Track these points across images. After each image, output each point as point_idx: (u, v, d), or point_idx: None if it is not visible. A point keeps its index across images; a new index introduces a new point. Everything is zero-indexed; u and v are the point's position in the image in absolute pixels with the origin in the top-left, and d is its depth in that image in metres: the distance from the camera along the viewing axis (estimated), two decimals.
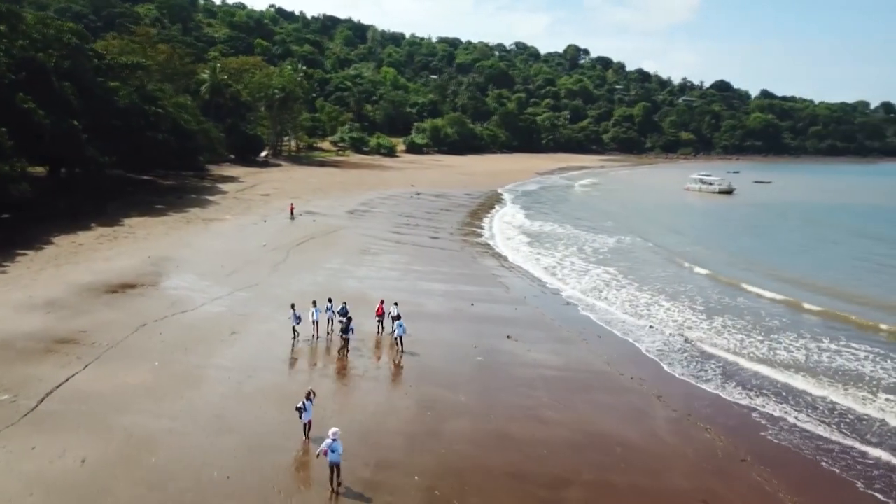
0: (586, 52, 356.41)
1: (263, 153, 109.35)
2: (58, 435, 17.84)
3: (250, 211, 59.30)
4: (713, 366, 27.58)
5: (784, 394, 24.81)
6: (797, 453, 20.29)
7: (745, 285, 41.97)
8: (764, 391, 24.93)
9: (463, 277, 41.22)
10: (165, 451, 17.49)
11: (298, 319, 26.27)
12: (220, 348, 25.14)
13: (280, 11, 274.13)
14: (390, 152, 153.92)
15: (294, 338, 26.43)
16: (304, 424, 18.56)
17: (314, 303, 27.40)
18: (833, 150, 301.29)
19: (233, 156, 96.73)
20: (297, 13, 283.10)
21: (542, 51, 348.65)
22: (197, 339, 25.84)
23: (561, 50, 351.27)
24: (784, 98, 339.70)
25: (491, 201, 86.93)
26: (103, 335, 25.28)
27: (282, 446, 18.12)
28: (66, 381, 21.19)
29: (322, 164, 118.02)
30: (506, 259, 48.37)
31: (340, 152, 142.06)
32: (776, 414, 22.96)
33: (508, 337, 29.58)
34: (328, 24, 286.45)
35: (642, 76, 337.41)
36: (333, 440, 16.02)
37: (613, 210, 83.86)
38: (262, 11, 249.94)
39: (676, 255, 52.92)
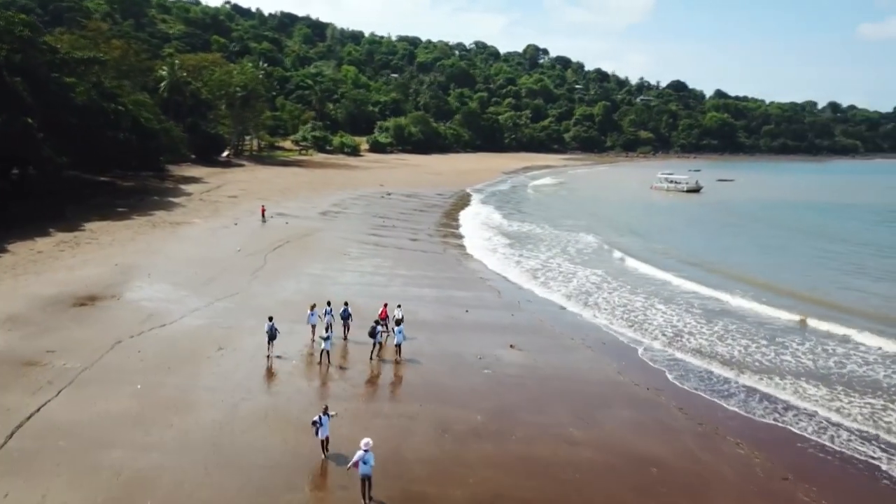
0: (545, 51, 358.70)
1: (225, 153, 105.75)
2: (34, 478, 15.53)
3: (219, 213, 56.49)
4: (724, 373, 26.43)
5: (804, 403, 23.75)
6: (841, 468, 19.16)
7: (737, 291, 40.99)
8: (785, 402, 23.80)
9: (451, 282, 39.53)
10: (161, 492, 15.35)
11: (273, 333, 23.97)
12: (208, 367, 22.93)
13: (236, 8, 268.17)
14: (354, 151, 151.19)
15: (268, 356, 24.05)
16: (322, 441, 17.27)
17: (312, 306, 26.12)
18: (785, 148, 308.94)
19: (193, 156, 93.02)
20: (253, 10, 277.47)
21: (501, 51, 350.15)
22: (180, 356, 23.57)
23: (520, 50, 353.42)
24: (737, 98, 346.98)
25: (464, 201, 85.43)
26: (75, 355, 22.80)
27: (293, 483, 16.14)
28: (38, 410, 18.78)
29: (286, 163, 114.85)
30: (490, 262, 46.74)
31: (303, 152, 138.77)
32: (805, 425, 21.84)
33: (512, 346, 28.00)
34: (286, 22, 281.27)
35: (601, 76, 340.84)
36: (365, 451, 15.23)
37: (588, 210, 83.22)
38: (217, 8, 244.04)
39: (661, 256, 52.11)
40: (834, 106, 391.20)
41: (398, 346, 25.18)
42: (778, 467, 18.93)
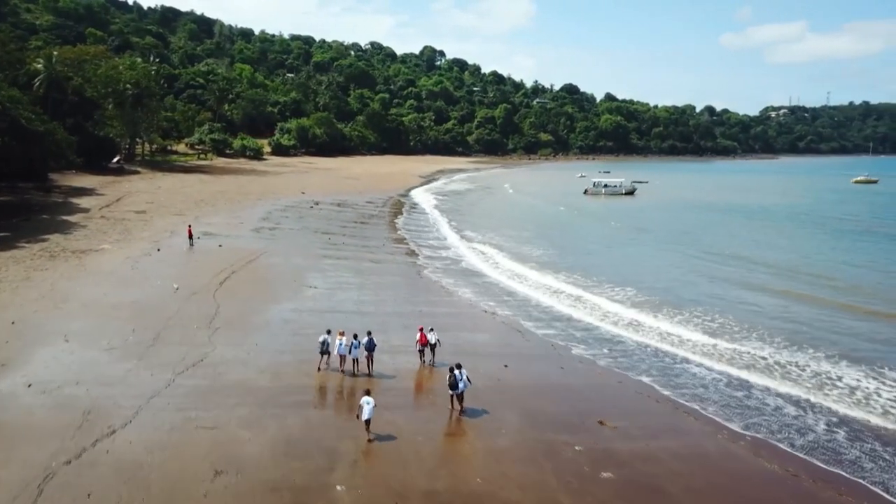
0: (442, 53, 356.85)
1: (116, 158, 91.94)
2: None
3: (131, 236, 45.57)
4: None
5: None
6: None
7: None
8: None
9: (455, 319, 31.85)
10: None
11: (326, 349, 23.27)
12: None
13: (111, 0, 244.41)
14: (257, 155, 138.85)
15: (319, 368, 23.33)
16: None
17: (341, 333, 23.49)
18: (674, 149, 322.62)
19: (80, 161, 79.24)
20: (131, 2, 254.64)
21: (396, 52, 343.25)
22: (159, 496, 14.59)
23: (412, 51, 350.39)
24: (625, 101, 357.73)
25: (399, 209, 77.62)
26: None
27: None
28: None
29: (186, 169, 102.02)
30: (480, 289, 39.33)
31: (202, 155, 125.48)
32: None
33: (602, 423, 20.85)
34: (168, 16, 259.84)
35: (497, 78, 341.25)
36: None
37: (544, 219, 77.85)
38: None
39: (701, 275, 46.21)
40: (710, 110, 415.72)
41: (461, 395, 20.58)
42: None
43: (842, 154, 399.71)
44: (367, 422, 18.19)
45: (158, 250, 41.34)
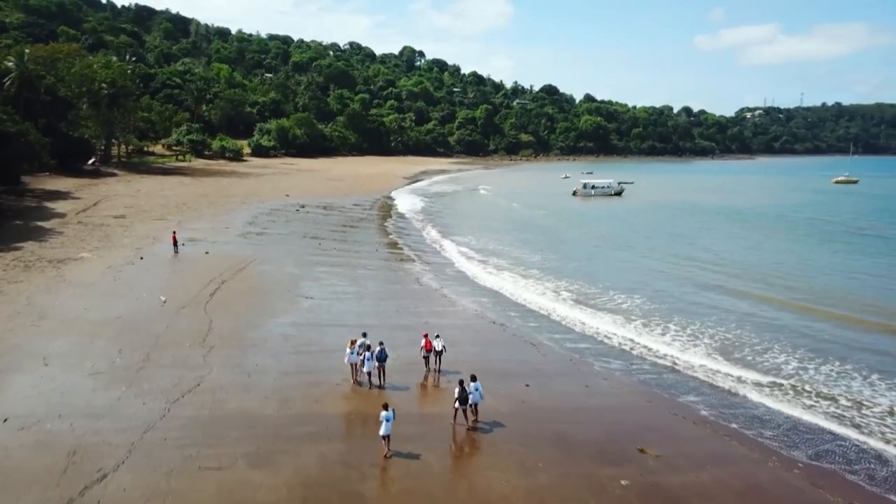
0: (422, 53, 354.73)
1: (91, 160, 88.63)
2: None
3: (112, 242, 42.94)
4: None
5: None
6: None
7: None
8: None
9: (465, 333, 29.91)
10: None
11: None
12: None
13: None
14: (237, 156, 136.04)
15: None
16: None
17: (353, 342, 22.48)
18: (653, 150, 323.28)
19: (53, 163, 76.11)
20: (104, 1, 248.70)
21: (375, 52, 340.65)
22: None
23: (390, 51, 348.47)
24: (604, 102, 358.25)
25: (388, 211, 75.57)
26: None
27: None
28: None
29: (165, 171, 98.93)
30: (495, 299, 37.45)
31: (180, 157, 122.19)
32: None
33: (642, 450, 19.06)
34: (143, 15, 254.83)
35: (477, 79, 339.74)
36: None
37: (538, 222, 76.00)
38: None
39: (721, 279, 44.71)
40: (688, 110, 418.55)
41: (474, 405, 19.89)
42: None
43: (816, 154, 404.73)
44: (386, 437, 17.41)
45: (141, 258, 38.86)
